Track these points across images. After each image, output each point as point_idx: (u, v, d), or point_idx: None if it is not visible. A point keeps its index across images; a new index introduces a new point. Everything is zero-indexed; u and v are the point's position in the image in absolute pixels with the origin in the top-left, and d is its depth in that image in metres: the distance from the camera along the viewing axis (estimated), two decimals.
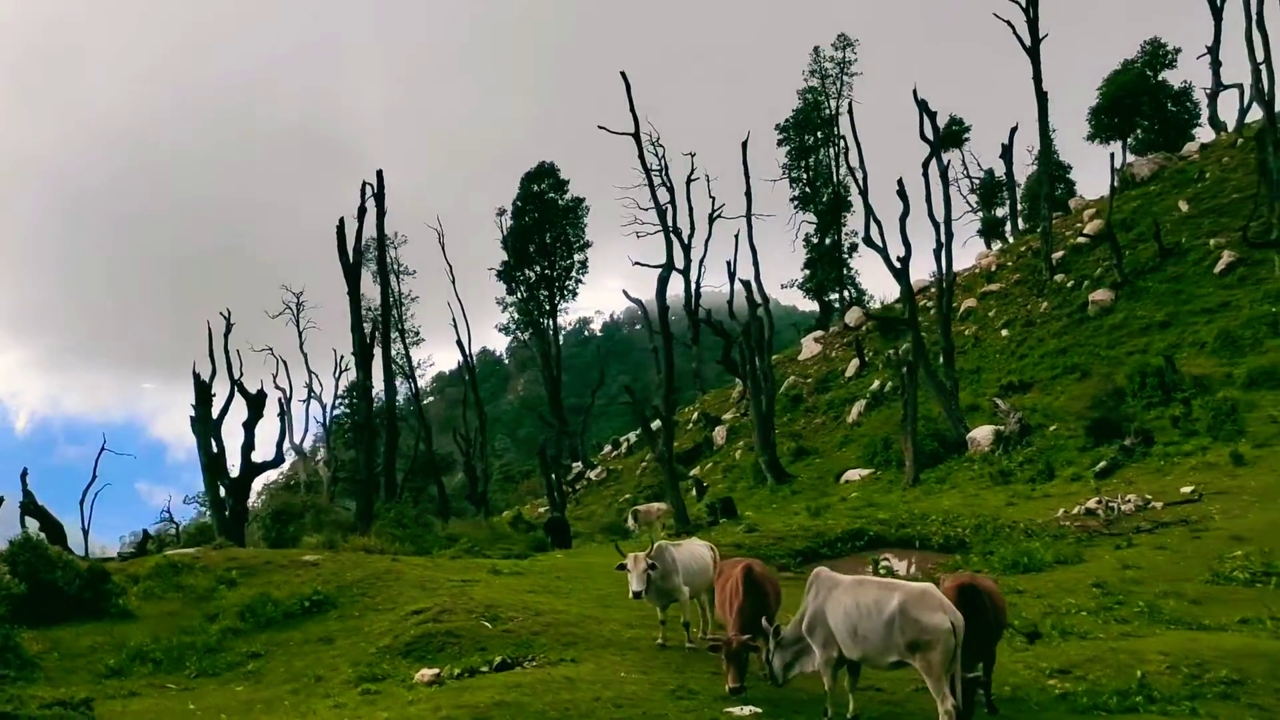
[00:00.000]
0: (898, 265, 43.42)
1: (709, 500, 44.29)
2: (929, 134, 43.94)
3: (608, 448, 76.22)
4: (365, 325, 40.69)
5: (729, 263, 64.43)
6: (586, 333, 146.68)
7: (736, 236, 65.55)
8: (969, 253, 72.74)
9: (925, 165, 44.27)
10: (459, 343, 65.46)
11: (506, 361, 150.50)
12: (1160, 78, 65.51)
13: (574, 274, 72.52)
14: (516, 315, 76.88)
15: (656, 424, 41.33)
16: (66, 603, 18.79)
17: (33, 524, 34.00)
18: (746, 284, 56.26)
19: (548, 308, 72.60)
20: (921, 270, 56.00)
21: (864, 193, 46.16)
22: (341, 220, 40.50)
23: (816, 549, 26.39)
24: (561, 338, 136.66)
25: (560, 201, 71.12)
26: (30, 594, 17.20)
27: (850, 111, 47.19)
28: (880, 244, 44.26)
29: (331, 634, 17.64)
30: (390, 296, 41.81)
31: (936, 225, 44.62)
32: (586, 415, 76.49)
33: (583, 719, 10.98)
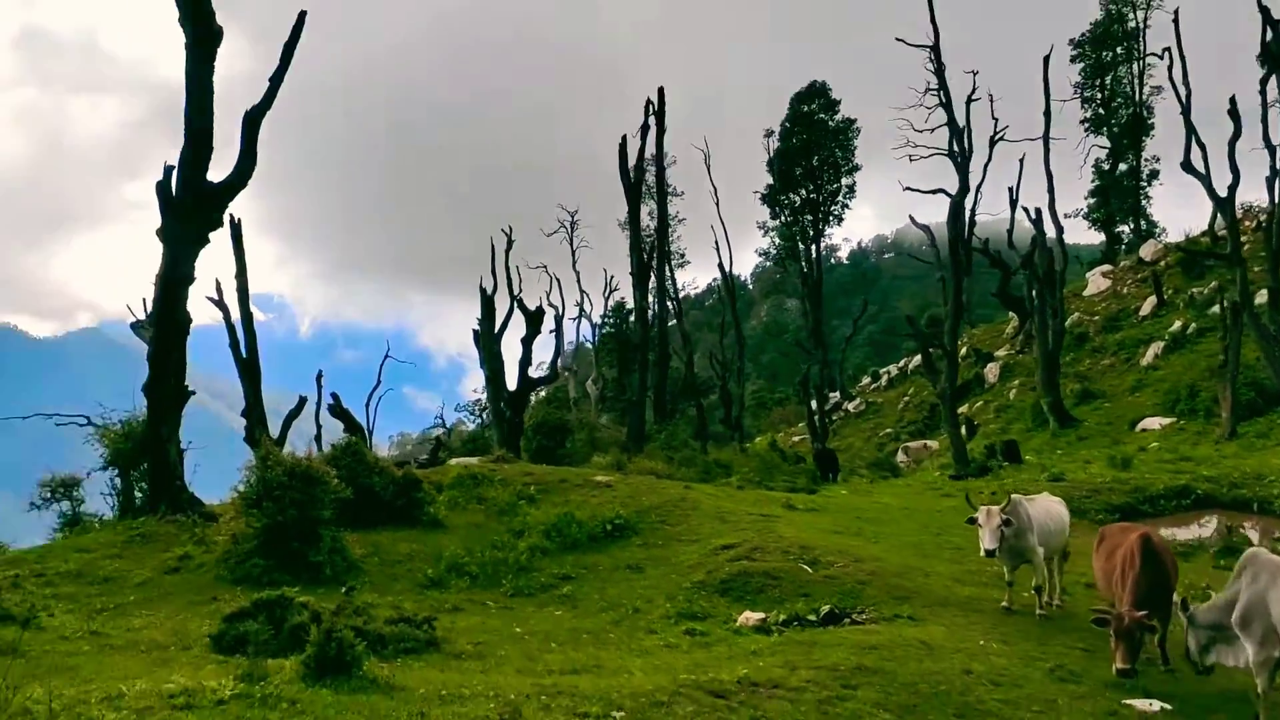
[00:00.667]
0: (1223, 194, 38.77)
1: (985, 441, 41.77)
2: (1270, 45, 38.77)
3: (866, 379, 73.86)
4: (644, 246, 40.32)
5: (1011, 189, 60.01)
6: (833, 260, 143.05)
7: (1022, 161, 60.75)
8: None
9: (1263, 83, 39.23)
10: (720, 266, 64.50)
11: (750, 287, 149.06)
12: None
13: (840, 198, 69.74)
14: (778, 240, 75.06)
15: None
16: (382, 508, 19.20)
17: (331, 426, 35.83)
18: (1037, 211, 51.95)
19: (811, 233, 70.32)
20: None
21: (1185, 111, 41.23)
22: (624, 139, 40.02)
23: (1135, 505, 23.86)
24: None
25: (830, 123, 68.25)
26: (354, 499, 17.56)
27: (1176, 20, 42.00)
28: (1203, 169, 39.61)
29: (639, 562, 17.12)
30: (665, 217, 41.14)
31: (1272, 150, 39.51)
32: (847, 345, 74.16)
33: (961, 695, 9.70)
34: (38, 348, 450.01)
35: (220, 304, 39.53)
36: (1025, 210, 54.79)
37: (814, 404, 53.80)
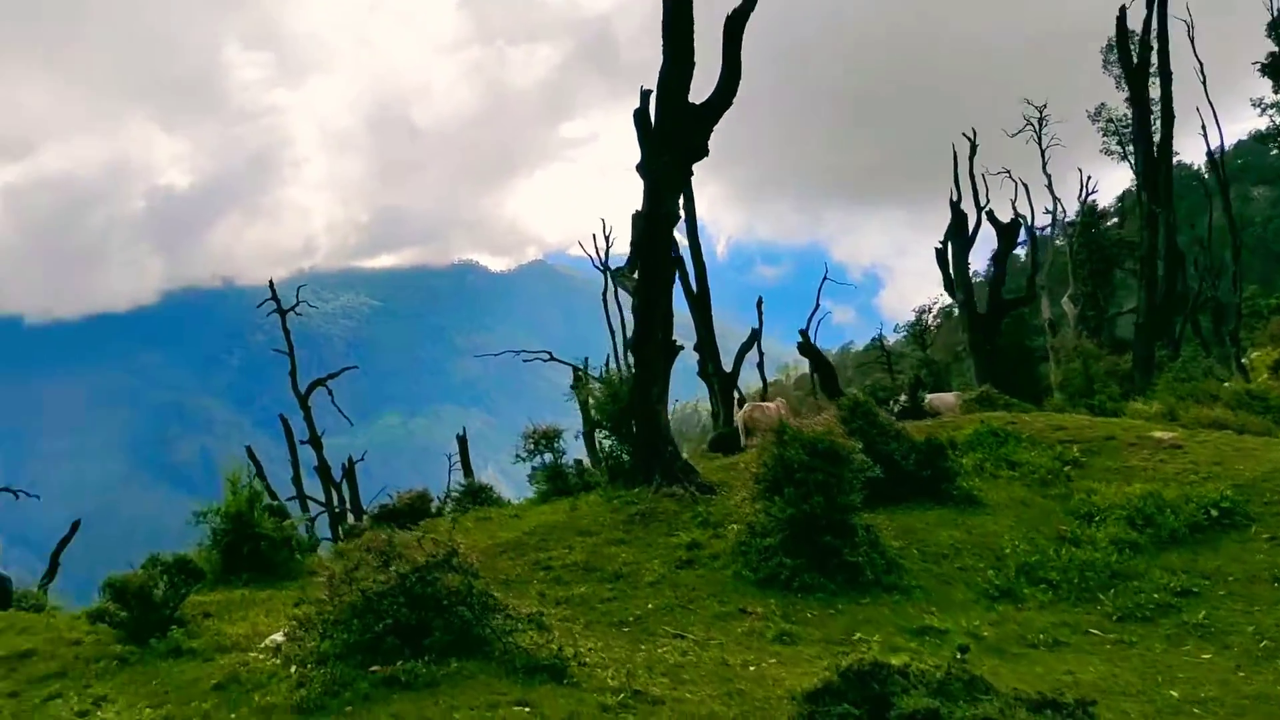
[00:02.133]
0: None
1: None
2: None
3: None
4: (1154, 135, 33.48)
5: None
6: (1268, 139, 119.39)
7: None
8: None
9: None
10: (1210, 155, 54.29)
11: (1205, 176, 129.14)
12: None
13: None
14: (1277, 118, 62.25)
15: None
16: (904, 481, 15.91)
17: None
18: None
19: None
20: None
21: None
22: (1122, 9, 33.15)
23: None
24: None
25: None
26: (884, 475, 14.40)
27: None
28: None
29: (1278, 567, 12.46)
30: (1170, 102, 33.75)
31: None
32: None
33: None
34: (495, 281, 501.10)
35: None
36: None
37: None
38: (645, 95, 17.10)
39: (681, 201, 31.98)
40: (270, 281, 47.49)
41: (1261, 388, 34.35)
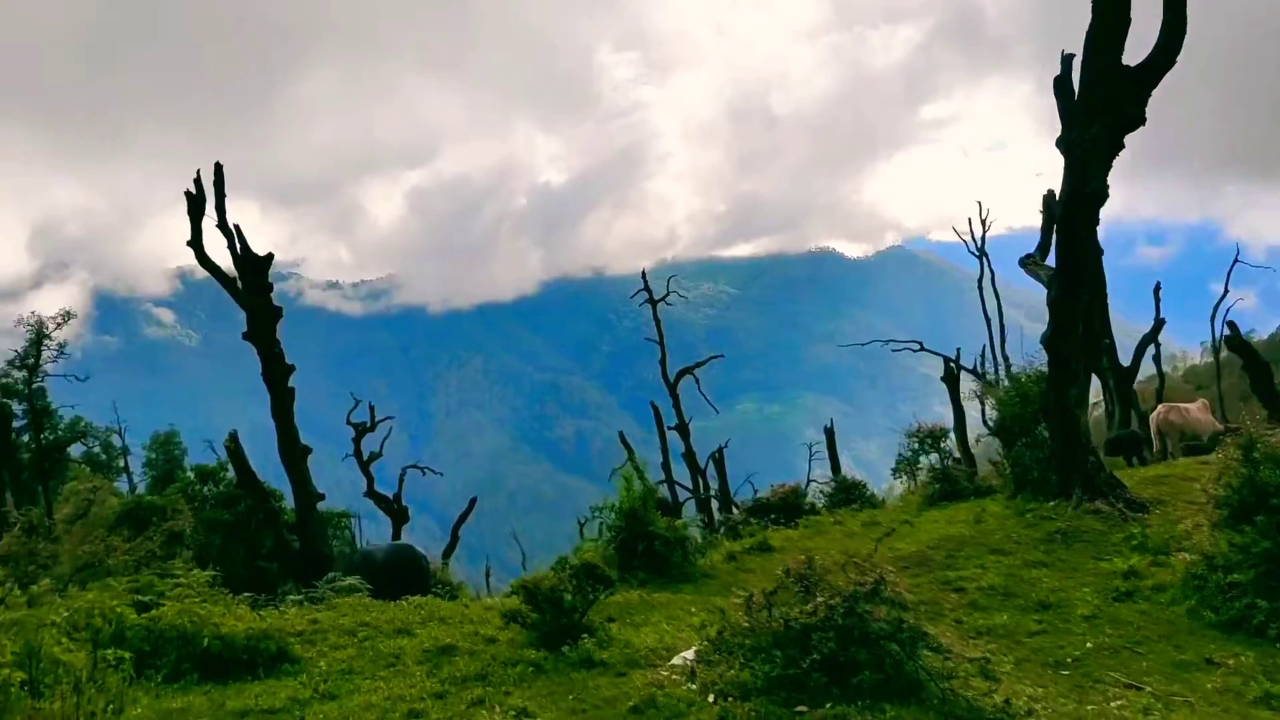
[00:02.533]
0: None
1: None
2: None
3: None
4: None
5: None
6: None
7: None
8: None
9: None
10: None
11: None
12: None
13: None
14: None
15: None
16: None
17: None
18: None
19: None
20: None
21: None
22: None
23: None
24: None
25: None
26: None
27: None
28: None
29: None
30: None
31: None
32: None
33: None
34: (852, 268, 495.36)
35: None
36: None
37: None
38: (1067, 60, 15.13)
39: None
40: (643, 273, 48.84)
41: None
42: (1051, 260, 17.69)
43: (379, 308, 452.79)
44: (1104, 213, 15.33)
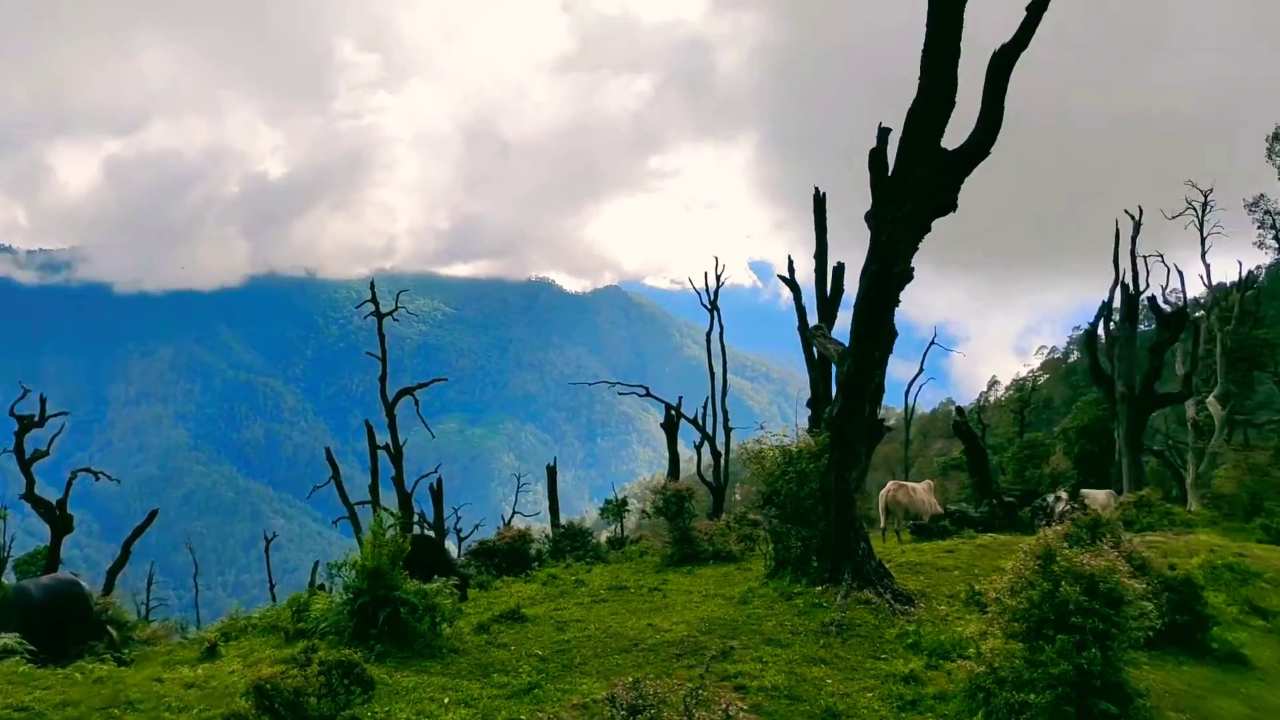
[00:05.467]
0: None
1: None
2: None
3: None
4: None
5: None
6: None
7: None
8: None
9: None
10: None
11: None
12: None
13: None
14: None
15: None
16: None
17: None
18: None
19: None
20: None
21: None
22: None
23: None
24: None
25: None
26: None
27: None
28: None
29: None
30: None
31: None
32: None
33: None
34: (569, 302, 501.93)
35: (792, 283, 36.01)
36: None
37: None
38: (884, 134, 14.72)
39: (814, 250, 29.31)
40: (371, 284, 45.84)
41: None
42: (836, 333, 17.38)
43: (57, 280, 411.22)
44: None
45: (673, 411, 45.52)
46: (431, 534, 40.85)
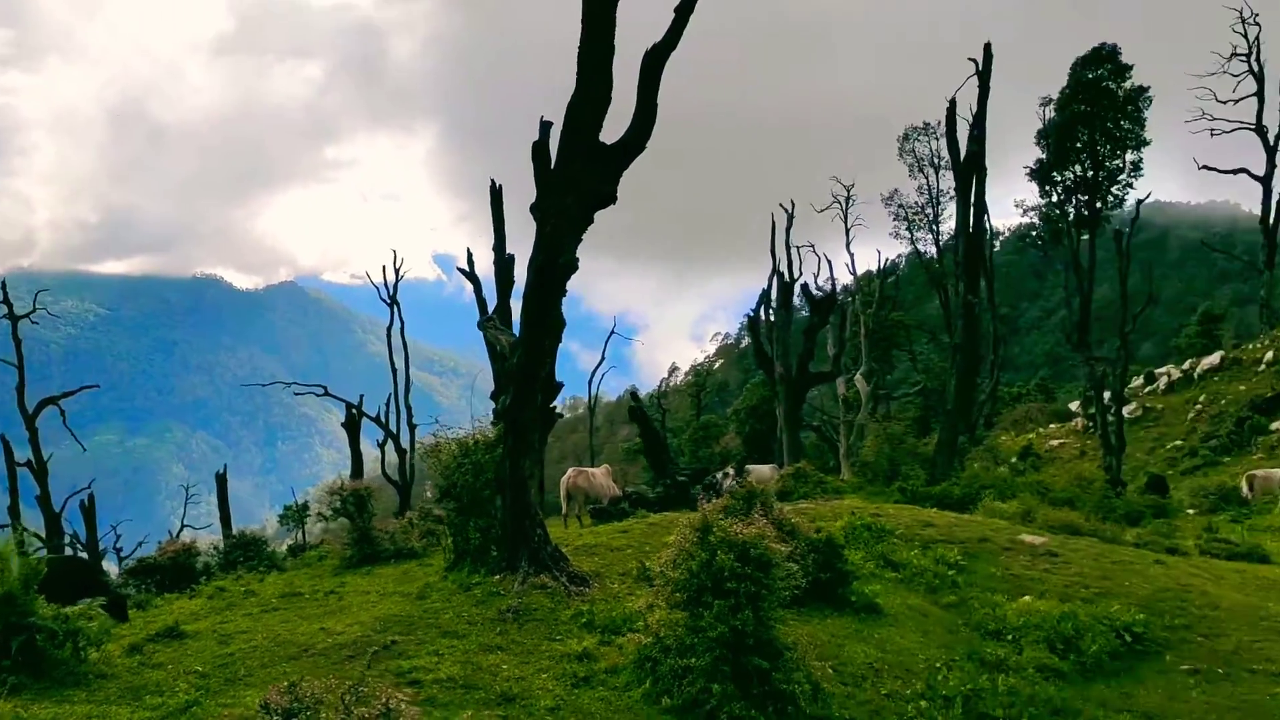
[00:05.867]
0: None
1: None
2: None
3: (1138, 380, 65.72)
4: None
5: None
6: (1028, 239, 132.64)
7: None
8: None
9: None
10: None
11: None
12: None
13: (1124, 177, 61.43)
14: (1039, 221, 67.45)
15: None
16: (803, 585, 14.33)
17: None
18: None
19: (1085, 213, 62.24)
20: None
21: None
22: (953, 102, 34.16)
23: None
24: (999, 242, 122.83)
25: (1120, 91, 60.01)
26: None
27: None
28: None
29: (1218, 710, 11.73)
30: (984, 194, 34.97)
31: None
32: (1125, 341, 66.07)
33: None
34: (240, 299, 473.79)
35: (471, 275, 36.14)
36: None
37: (1108, 415, 46.68)
38: (545, 127, 15.04)
39: (492, 242, 29.57)
40: (2, 284, 41.21)
41: (1047, 479, 35.81)
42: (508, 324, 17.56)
43: None
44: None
45: (353, 410, 44.33)
46: (84, 554, 37.40)
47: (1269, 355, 58.38)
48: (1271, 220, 62.80)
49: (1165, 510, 31.84)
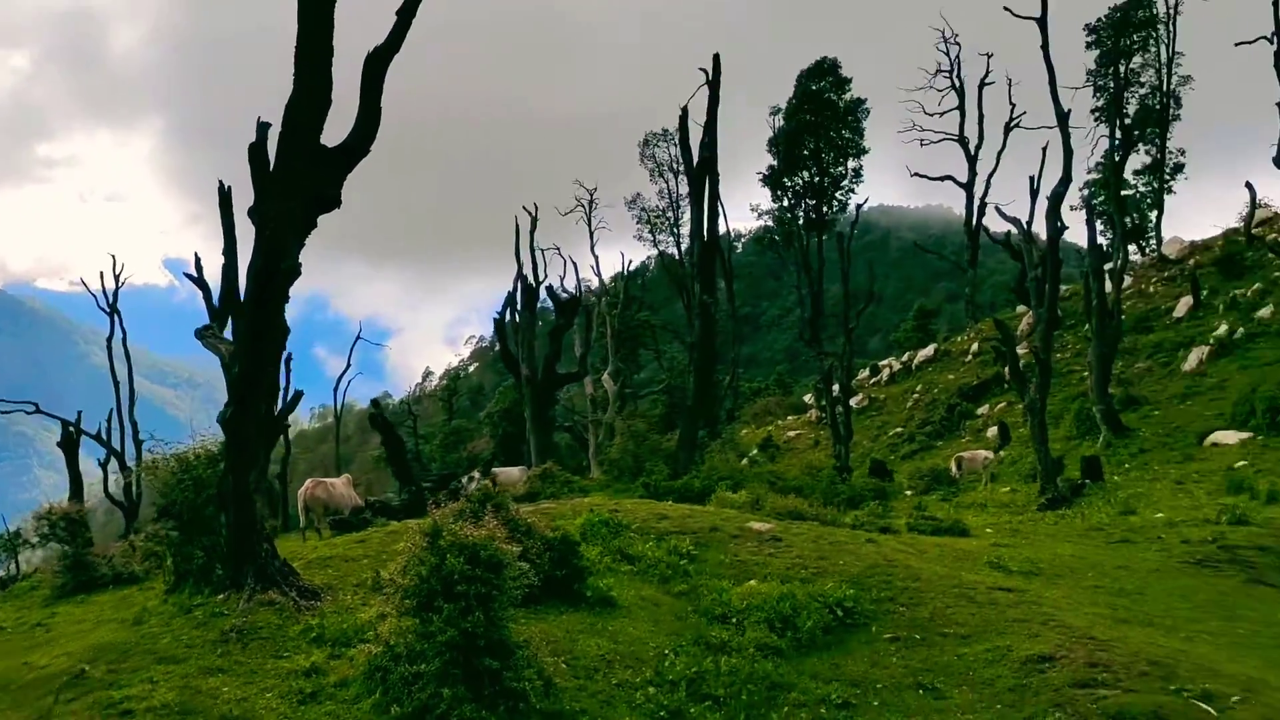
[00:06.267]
0: None
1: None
2: None
3: (864, 373, 70.66)
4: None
5: (1032, 178, 57.09)
6: (764, 241, 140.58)
7: (1045, 149, 57.86)
8: None
9: None
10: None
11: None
12: None
13: (846, 182, 65.98)
14: (772, 223, 71.48)
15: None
16: (540, 584, 14.58)
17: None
18: (1087, 203, 48.82)
19: (814, 217, 66.38)
20: None
21: None
22: (685, 110, 35.46)
23: None
24: (740, 244, 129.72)
25: (840, 102, 64.36)
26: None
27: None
28: None
29: (918, 675, 12.88)
30: (717, 199, 36.51)
31: None
32: (850, 336, 70.68)
33: None
34: None
35: (200, 281, 34.53)
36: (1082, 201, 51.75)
37: (838, 407, 50.00)
38: (263, 129, 14.51)
39: (222, 246, 28.20)
40: None
41: (781, 468, 37.92)
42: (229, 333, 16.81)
43: None
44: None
45: (70, 428, 41.07)
46: None
47: (974, 347, 64.02)
48: (974, 223, 68.90)
49: (885, 493, 34.41)
